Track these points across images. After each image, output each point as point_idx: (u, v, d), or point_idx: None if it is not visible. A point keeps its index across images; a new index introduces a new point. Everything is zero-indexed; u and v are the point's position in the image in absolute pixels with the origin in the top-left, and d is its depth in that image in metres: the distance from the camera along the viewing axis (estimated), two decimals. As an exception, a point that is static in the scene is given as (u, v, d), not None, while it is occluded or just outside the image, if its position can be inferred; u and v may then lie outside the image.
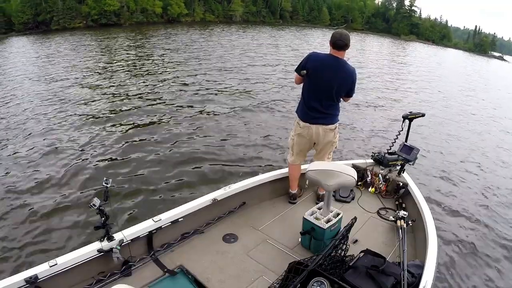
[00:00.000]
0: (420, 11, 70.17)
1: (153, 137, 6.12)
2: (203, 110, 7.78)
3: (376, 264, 1.99)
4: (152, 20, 42.63)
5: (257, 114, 7.76)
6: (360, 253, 2.15)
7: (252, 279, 2.11)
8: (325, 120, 2.75)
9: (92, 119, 7.08)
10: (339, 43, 2.54)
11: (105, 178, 2.01)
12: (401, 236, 2.43)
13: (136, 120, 6.99)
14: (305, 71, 2.63)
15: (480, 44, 63.82)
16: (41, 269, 1.80)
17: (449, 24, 71.70)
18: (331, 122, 2.77)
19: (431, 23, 67.89)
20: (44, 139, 6.00)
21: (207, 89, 9.82)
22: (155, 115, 7.31)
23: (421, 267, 2.04)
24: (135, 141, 5.94)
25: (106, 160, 5.20)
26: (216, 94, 9.29)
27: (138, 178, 4.66)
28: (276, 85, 10.68)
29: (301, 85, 2.80)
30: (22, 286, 1.74)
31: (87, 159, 5.20)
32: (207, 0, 50.94)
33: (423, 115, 3.40)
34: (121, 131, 6.41)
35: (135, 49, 18.41)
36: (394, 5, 68.27)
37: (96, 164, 5.03)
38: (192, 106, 8.09)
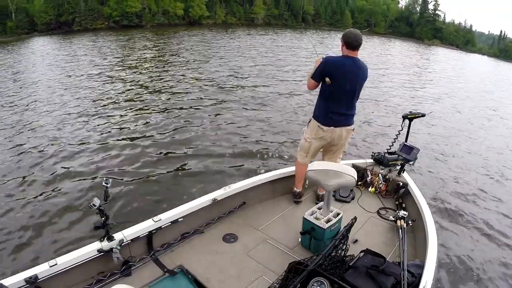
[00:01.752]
0: (444, 15, 68.46)
1: (163, 135, 6.21)
2: (216, 110, 7.87)
3: (376, 264, 1.99)
4: (174, 22, 42.83)
5: (268, 112, 7.85)
6: (360, 253, 2.15)
7: (252, 279, 2.11)
8: (348, 121, 2.77)
9: (100, 116, 7.20)
10: (355, 44, 2.55)
11: (105, 178, 2.02)
12: (401, 236, 2.44)
13: (147, 119, 7.07)
14: (328, 78, 2.58)
15: (505, 49, 61.21)
16: (41, 269, 1.80)
17: (473, 29, 69.28)
18: (352, 122, 2.81)
19: (455, 28, 65.85)
20: (51, 136, 6.11)
21: (221, 88, 9.89)
22: (168, 114, 7.42)
23: (421, 267, 2.04)
24: (143, 139, 6.01)
25: (107, 160, 5.20)
26: (230, 93, 9.34)
27: (143, 176, 4.68)
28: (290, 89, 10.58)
29: (313, 88, 2.77)
30: (22, 286, 1.74)
31: (89, 158, 5.22)
32: (229, 2, 50.97)
33: (423, 115, 3.40)
34: (128, 129, 6.49)
35: (156, 50, 18.59)
36: (418, 9, 66.46)
37: (98, 163, 5.04)
38: (204, 105, 8.17)
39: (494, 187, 5.24)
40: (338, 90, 2.63)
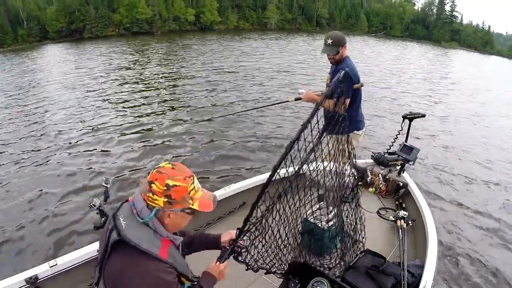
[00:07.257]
0: (462, 17, 65.38)
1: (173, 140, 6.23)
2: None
3: (376, 264, 1.99)
4: (185, 28, 42.53)
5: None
6: (360, 253, 2.15)
7: (252, 279, 2.10)
8: None
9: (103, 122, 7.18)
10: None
11: (105, 178, 2.00)
12: (401, 236, 2.43)
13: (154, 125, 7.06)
14: (357, 85, 2.58)
15: (526, 50, 57.59)
16: (41, 269, 1.80)
17: (491, 30, 65.48)
18: None
19: (474, 29, 63.46)
20: (56, 140, 6.13)
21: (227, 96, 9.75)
22: (175, 119, 7.39)
23: (421, 267, 2.04)
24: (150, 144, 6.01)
25: (108, 160, 5.21)
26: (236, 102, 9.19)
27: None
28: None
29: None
30: (22, 286, 1.74)
31: (91, 158, 5.23)
32: (241, 7, 50.42)
33: (423, 115, 3.40)
34: (132, 134, 6.49)
35: (166, 56, 18.59)
36: (435, 10, 63.66)
37: (98, 164, 5.04)
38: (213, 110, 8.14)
39: (495, 187, 5.23)
40: (360, 90, 2.65)
